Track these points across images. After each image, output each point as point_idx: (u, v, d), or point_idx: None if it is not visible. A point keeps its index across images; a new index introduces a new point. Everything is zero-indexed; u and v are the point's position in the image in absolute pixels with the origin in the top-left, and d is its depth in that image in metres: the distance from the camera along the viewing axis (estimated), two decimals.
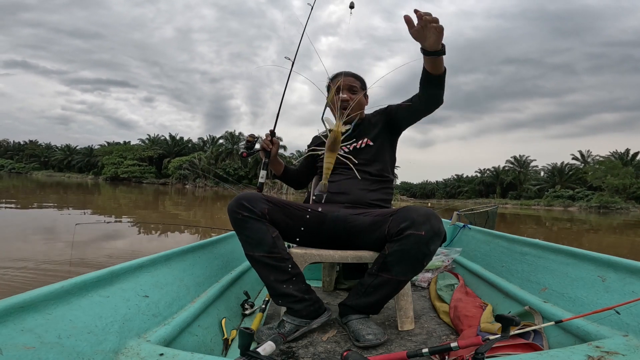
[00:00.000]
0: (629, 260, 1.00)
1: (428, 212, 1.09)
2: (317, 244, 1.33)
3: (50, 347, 0.63)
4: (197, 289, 1.18)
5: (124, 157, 53.29)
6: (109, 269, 0.89)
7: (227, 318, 1.20)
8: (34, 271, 3.08)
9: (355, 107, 1.39)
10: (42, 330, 0.65)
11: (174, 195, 22.67)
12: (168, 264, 1.14)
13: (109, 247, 4.36)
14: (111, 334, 0.76)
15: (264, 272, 1.17)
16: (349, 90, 1.47)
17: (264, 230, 1.16)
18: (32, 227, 5.56)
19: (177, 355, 0.74)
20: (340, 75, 1.48)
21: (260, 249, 1.15)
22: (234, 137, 53.39)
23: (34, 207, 8.51)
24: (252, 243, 1.16)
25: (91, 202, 10.57)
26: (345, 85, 1.46)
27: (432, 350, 0.77)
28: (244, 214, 1.16)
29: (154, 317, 0.91)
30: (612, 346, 0.77)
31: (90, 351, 0.69)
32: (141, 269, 1.01)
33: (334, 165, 1.32)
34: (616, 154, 46.49)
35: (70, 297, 0.75)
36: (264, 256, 1.15)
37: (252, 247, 1.17)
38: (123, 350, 0.75)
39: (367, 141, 1.44)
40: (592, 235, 10.05)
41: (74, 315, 0.73)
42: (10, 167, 63.53)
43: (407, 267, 1.10)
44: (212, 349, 1.05)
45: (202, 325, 1.07)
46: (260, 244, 1.15)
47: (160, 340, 0.83)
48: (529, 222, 14.65)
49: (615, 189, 38.79)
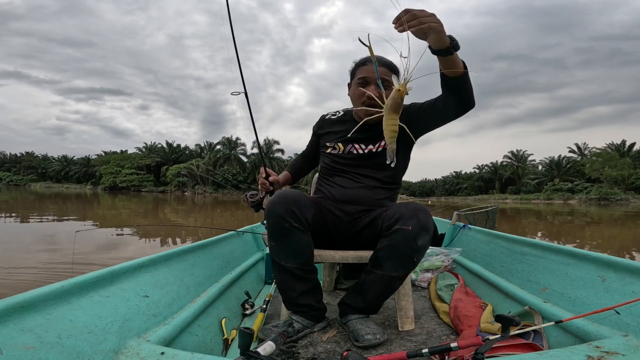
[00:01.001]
0: (629, 260, 1.00)
1: (416, 207, 1.07)
2: (323, 245, 1.32)
3: (50, 347, 0.63)
4: (197, 289, 1.18)
5: (122, 166, 53.19)
6: (109, 269, 0.89)
7: (227, 318, 1.20)
8: (35, 273, 3.07)
9: None
10: (42, 330, 0.65)
11: (173, 202, 22.61)
12: (168, 264, 1.14)
13: (110, 256, 4.34)
14: (111, 334, 0.76)
15: (291, 283, 1.13)
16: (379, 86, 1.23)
17: (306, 243, 1.10)
18: (34, 238, 5.55)
19: (177, 355, 0.74)
20: (370, 63, 1.23)
21: (296, 260, 1.10)
22: (231, 142, 53.44)
23: (35, 217, 8.49)
24: (290, 254, 1.09)
25: (91, 212, 10.53)
26: (375, 79, 1.20)
27: (432, 350, 0.77)
28: (294, 224, 1.06)
29: (154, 317, 0.91)
30: (612, 346, 0.77)
31: (90, 351, 0.69)
32: (141, 269, 1.01)
33: (343, 168, 1.30)
34: (613, 146, 46.61)
35: (70, 297, 0.75)
36: (297, 268, 1.11)
37: (288, 257, 1.10)
38: (123, 350, 0.75)
39: (384, 145, 1.25)
40: (594, 227, 10.04)
41: (74, 315, 0.73)
42: (7, 180, 63.26)
43: (397, 263, 1.08)
44: (212, 349, 1.05)
45: (202, 325, 1.07)
46: (298, 255, 1.10)
47: (160, 340, 0.83)
48: (529, 217, 14.60)
49: (614, 180, 38.83)
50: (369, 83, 1.24)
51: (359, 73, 1.27)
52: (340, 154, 1.33)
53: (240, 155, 53.47)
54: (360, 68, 1.28)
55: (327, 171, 1.38)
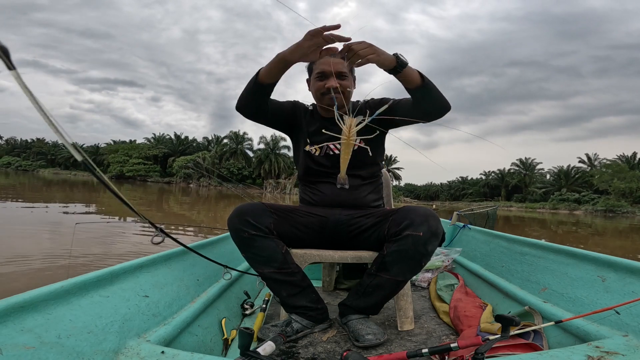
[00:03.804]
0: (629, 261, 1.00)
1: (427, 212, 1.09)
2: (318, 246, 1.33)
3: (50, 347, 0.63)
4: (197, 289, 1.18)
5: (130, 155, 53.37)
6: (109, 269, 0.89)
7: (227, 318, 1.20)
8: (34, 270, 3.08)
9: (345, 97, 1.22)
10: (42, 330, 0.65)
11: (178, 194, 22.69)
12: (168, 264, 1.14)
13: (113, 247, 4.35)
14: (111, 334, 0.76)
15: (276, 287, 1.15)
16: (338, 77, 1.24)
17: (273, 247, 1.12)
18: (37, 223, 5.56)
19: (177, 355, 0.74)
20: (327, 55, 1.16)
21: (270, 266, 1.12)
22: (239, 136, 53.54)
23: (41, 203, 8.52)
24: (261, 261, 1.13)
25: (96, 200, 10.60)
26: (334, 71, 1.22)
27: (432, 350, 0.77)
28: (251, 232, 1.10)
29: (154, 317, 0.91)
30: (612, 346, 0.77)
31: (90, 351, 0.69)
32: (141, 269, 1.01)
33: (324, 171, 1.29)
34: (623, 158, 46.42)
35: (70, 297, 0.75)
36: (274, 272, 1.12)
37: (261, 265, 1.13)
38: (123, 350, 0.75)
39: (361, 143, 1.24)
40: (598, 239, 10.05)
41: (74, 315, 0.73)
42: (17, 165, 63.63)
43: (405, 268, 1.09)
44: (212, 349, 1.05)
45: (202, 325, 1.07)
46: (270, 260, 1.12)
47: (160, 340, 0.83)
48: (533, 225, 14.65)
49: (622, 193, 38.71)
50: (327, 76, 1.24)
51: (315, 67, 1.27)
52: (317, 155, 1.32)
53: (246, 150, 53.54)
54: (317, 62, 1.26)
55: (307, 176, 1.35)
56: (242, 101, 1.19)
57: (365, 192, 1.31)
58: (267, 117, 1.28)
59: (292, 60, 1.05)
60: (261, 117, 1.26)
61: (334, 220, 1.26)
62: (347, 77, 1.26)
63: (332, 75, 1.23)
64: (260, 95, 1.16)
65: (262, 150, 51.02)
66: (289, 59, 1.04)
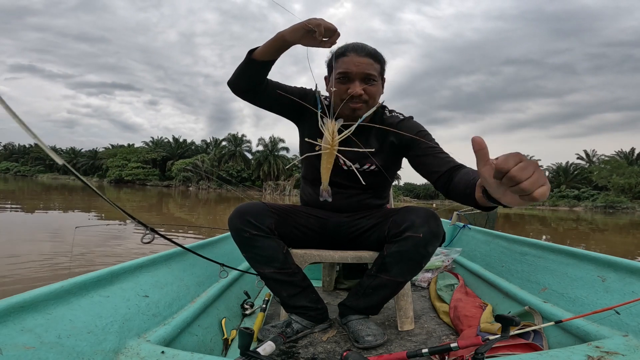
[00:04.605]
0: (629, 261, 1.00)
1: (427, 213, 1.08)
2: (318, 246, 1.33)
3: (50, 347, 0.63)
4: (197, 289, 1.18)
5: (128, 159, 53.25)
6: (108, 269, 0.89)
7: (227, 318, 1.20)
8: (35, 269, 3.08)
9: (368, 106, 1.08)
10: (42, 330, 0.65)
11: (177, 197, 22.66)
12: (168, 264, 1.14)
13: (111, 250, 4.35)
14: (111, 334, 0.76)
15: (276, 287, 1.15)
16: (364, 81, 1.07)
17: (274, 247, 1.11)
18: (36, 229, 5.56)
19: (177, 355, 0.74)
20: (353, 53, 1.07)
21: (271, 266, 1.11)
22: (237, 139, 53.52)
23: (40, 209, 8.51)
24: (262, 261, 1.12)
25: (96, 205, 10.62)
26: (360, 73, 1.06)
27: (432, 350, 0.77)
28: (252, 232, 1.08)
29: (154, 317, 0.91)
30: (612, 346, 0.77)
31: (90, 351, 0.69)
32: (141, 269, 1.01)
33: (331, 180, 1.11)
34: (621, 154, 46.49)
35: (70, 297, 0.75)
36: (275, 272, 1.12)
37: (261, 265, 1.12)
38: (123, 350, 0.75)
39: (372, 167, 1.17)
40: (599, 235, 10.04)
41: (74, 315, 0.73)
42: (15, 170, 63.64)
43: (405, 269, 1.09)
44: (212, 349, 1.05)
45: (202, 325, 1.07)
46: (271, 261, 1.11)
47: (160, 340, 0.83)
48: (533, 223, 14.64)
49: (621, 189, 38.74)
50: (351, 79, 1.08)
51: (338, 66, 1.09)
52: None
53: (245, 152, 53.40)
54: (339, 60, 1.09)
55: (309, 179, 1.31)
56: (234, 76, 1.09)
57: (366, 196, 1.28)
58: (263, 100, 1.15)
59: (290, 40, 0.96)
60: (255, 98, 1.14)
61: (335, 222, 1.26)
62: (375, 82, 1.09)
63: (357, 79, 1.07)
64: (254, 72, 1.05)
65: (261, 152, 50.90)
66: (287, 39, 0.96)
